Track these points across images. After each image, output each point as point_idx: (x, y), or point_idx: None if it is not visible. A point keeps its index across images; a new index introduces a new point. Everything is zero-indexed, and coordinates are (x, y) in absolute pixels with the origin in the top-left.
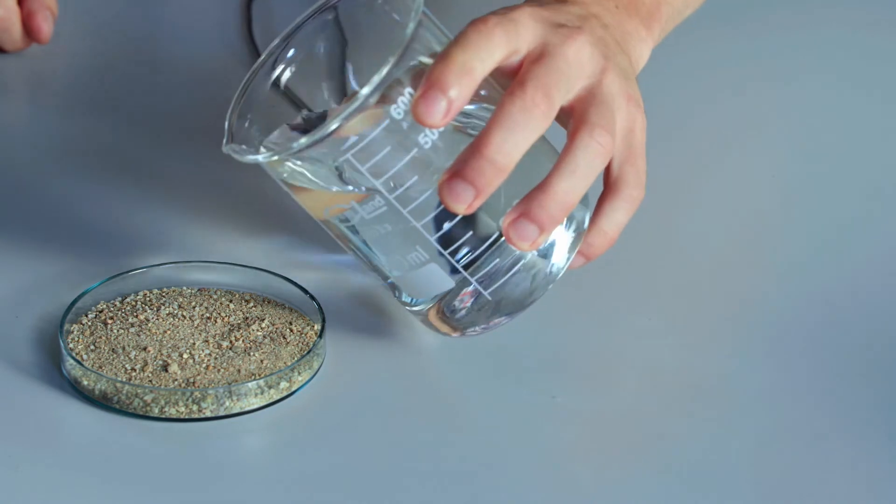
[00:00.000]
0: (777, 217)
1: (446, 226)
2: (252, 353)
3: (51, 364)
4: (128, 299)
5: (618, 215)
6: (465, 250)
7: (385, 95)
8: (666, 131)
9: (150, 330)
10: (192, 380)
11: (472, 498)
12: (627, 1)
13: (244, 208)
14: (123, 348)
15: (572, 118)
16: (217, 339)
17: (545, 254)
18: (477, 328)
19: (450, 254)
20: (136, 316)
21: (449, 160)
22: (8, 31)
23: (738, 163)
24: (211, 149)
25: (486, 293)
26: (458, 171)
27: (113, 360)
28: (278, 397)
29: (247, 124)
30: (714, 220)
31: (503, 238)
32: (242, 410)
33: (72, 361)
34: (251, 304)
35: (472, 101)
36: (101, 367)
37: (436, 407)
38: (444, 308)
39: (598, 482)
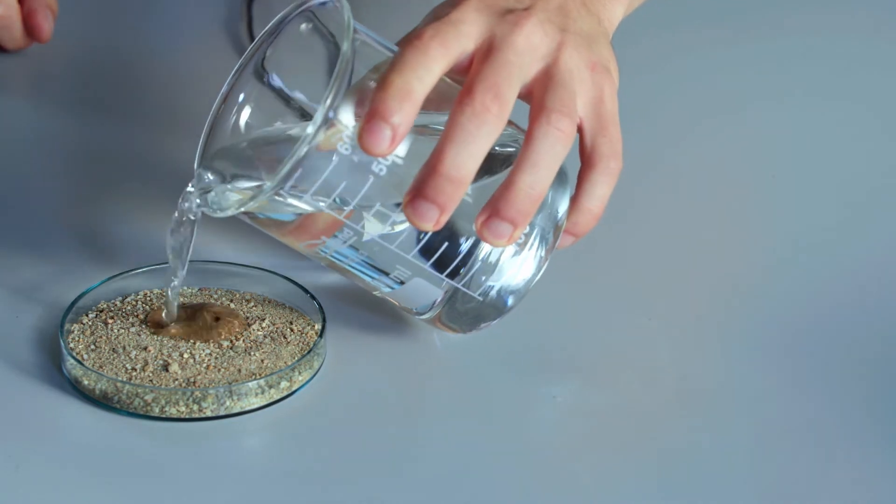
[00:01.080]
0: (778, 216)
1: (420, 241)
2: (252, 353)
3: (51, 364)
4: (128, 299)
5: (599, 189)
6: (445, 258)
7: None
8: (665, 132)
9: (150, 329)
10: (192, 379)
11: (472, 497)
12: None
13: None
14: (124, 348)
15: (531, 104)
16: (217, 337)
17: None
18: (485, 324)
19: (431, 266)
20: (137, 316)
21: (413, 170)
22: (8, 30)
23: (738, 163)
24: None
25: (475, 294)
26: (419, 192)
27: (113, 360)
28: (279, 397)
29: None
30: (714, 220)
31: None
32: (243, 410)
33: (72, 361)
34: (252, 304)
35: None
36: (101, 366)
37: (436, 407)
38: (444, 314)
39: (598, 482)
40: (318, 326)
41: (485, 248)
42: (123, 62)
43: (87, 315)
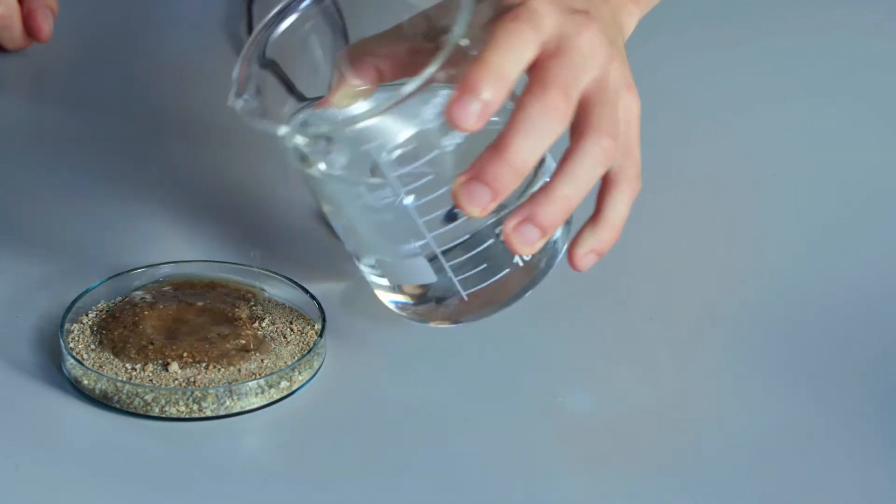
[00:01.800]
0: (778, 216)
1: (446, 226)
2: (252, 352)
3: (51, 364)
4: (128, 298)
5: (621, 207)
6: (456, 251)
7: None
8: (665, 133)
9: (150, 329)
10: (192, 379)
11: (472, 497)
12: None
13: (245, 208)
14: (124, 347)
15: (578, 113)
16: (217, 337)
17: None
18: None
19: (443, 253)
20: (137, 315)
21: (465, 162)
22: (8, 29)
23: (738, 163)
24: (211, 148)
25: (463, 293)
26: (477, 174)
27: (113, 360)
28: (278, 397)
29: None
30: (715, 219)
31: (493, 242)
32: (243, 410)
33: (72, 361)
34: (252, 304)
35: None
36: (101, 366)
37: (436, 406)
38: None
39: (598, 482)
40: (318, 326)
41: (497, 255)
42: (123, 62)
43: (86, 315)
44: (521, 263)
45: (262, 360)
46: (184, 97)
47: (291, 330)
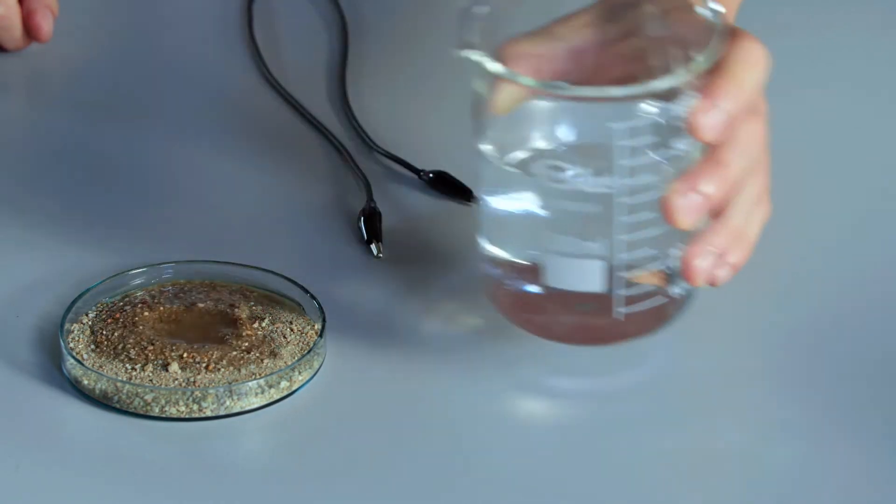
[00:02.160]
0: (782, 218)
1: (640, 234)
2: (252, 352)
3: (51, 364)
4: (128, 298)
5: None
6: (636, 263)
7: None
8: None
9: (150, 329)
10: (192, 379)
11: (472, 497)
12: None
13: (245, 207)
14: (124, 347)
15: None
16: (217, 337)
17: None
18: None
19: (623, 262)
20: (137, 315)
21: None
22: (8, 30)
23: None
24: (212, 148)
25: (621, 311)
26: (695, 185)
27: (113, 360)
28: (279, 397)
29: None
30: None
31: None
32: (243, 410)
33: (72, 361)
34: (252, 304)
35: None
36: (101, 366)
37: (436, 407)
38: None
39: (599, 481)
40: (318, 326)
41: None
42: (123, 62)
43: (86, 315)
44: (679, 294)
45: (262, 360)
46: (184, 97)
47: (291, 330)
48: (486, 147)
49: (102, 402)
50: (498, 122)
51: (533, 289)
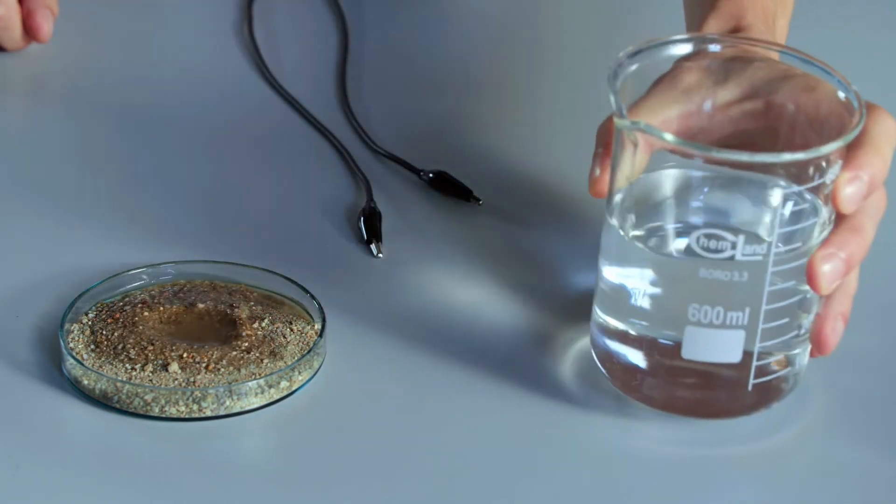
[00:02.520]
0: None
1: (782, 302)
2: (252, 352)
3: (51, 363)
4: (128, 298)
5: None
6: (769, 332)
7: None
8: None
9: (150, 329)
10: (192, 379)
11: (472, 497)
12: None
13: (245, 207)
14: (124, 347)
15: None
16: (217, 337)
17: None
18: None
19: (765, 330)
20: (137, 315)
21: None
22: (8, 30)
23: None
24: (212, 148)
25: (753, 382)
26: (838, 251)
27: (113, 360)
28: (279, 397)
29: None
30: None
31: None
32: (243, 410)
33: (72, 361)
34: (252, 303)
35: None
36: (101, 366)
37: (435, 407)
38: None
39: (599, 483)
40: (318, 326)
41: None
42: (123, 62)
43: (86, 315)
44: (799, 366)
45: (261, 360)
46: (183, 96)
47: (291, 330)
48: (617, 219)
49: (102, 402)
50: (635, 191)
51: (663, 361)
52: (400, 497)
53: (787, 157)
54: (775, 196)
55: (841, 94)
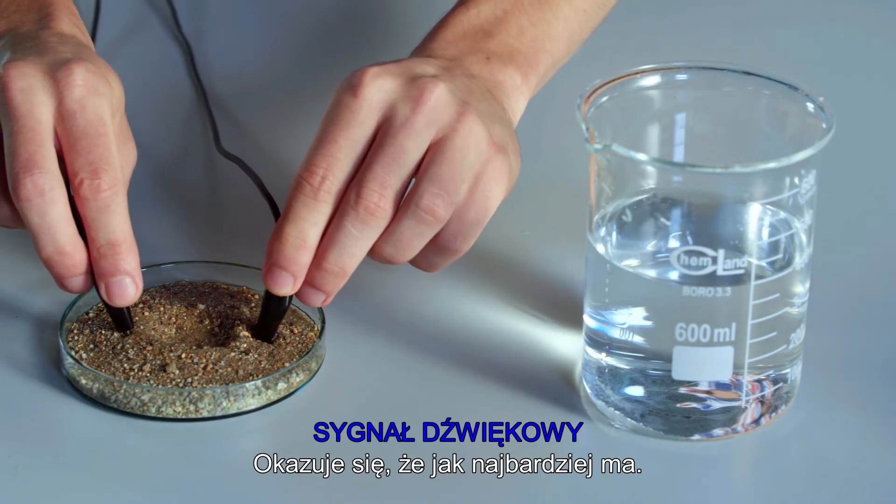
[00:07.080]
0: None
1: (765, 317)
2: (251, 354)
3: (50, 363)
4: None
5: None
6: (757, 347)
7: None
8: None
9: (149, 329)
10: (189, 380)
11: (472, 498)
12: (501, 51)
13: (245, 208)
14: (122, 348)
15: (417, 175)
16: (216, 339)
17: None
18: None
19: (753, 345)
20: (137, 315)
21: None
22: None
23: None
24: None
25: (746, 398)
26: (308, 280)
27: (111, 360)
28: (276, 398)
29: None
30: None
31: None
32: (240, 411)
33: (70, 360)
34: (252, 305)
35: None
36: (99, 366)
37: (435, 408)
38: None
39: (600, 483)
40: (317, 328)
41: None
42: (123, 62)
43: (86, 315)
44: (793, 378)
45: (260, 362)
46: (183, 97)
47: (291, 331)
48: (602, 246)
49: (100, 401)
50: (618, 212)
51: (650, 385)
52: (399, 498)
53: (761, 166)
54: (752, 210)
55: (810, 106)
